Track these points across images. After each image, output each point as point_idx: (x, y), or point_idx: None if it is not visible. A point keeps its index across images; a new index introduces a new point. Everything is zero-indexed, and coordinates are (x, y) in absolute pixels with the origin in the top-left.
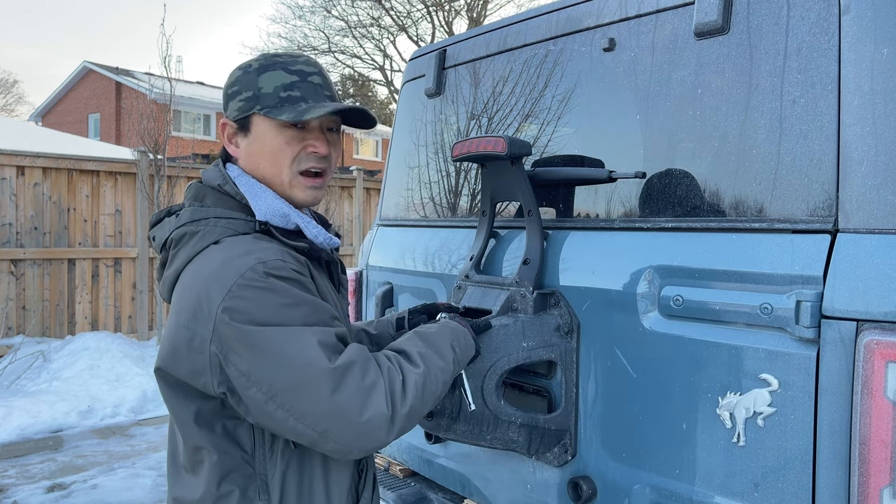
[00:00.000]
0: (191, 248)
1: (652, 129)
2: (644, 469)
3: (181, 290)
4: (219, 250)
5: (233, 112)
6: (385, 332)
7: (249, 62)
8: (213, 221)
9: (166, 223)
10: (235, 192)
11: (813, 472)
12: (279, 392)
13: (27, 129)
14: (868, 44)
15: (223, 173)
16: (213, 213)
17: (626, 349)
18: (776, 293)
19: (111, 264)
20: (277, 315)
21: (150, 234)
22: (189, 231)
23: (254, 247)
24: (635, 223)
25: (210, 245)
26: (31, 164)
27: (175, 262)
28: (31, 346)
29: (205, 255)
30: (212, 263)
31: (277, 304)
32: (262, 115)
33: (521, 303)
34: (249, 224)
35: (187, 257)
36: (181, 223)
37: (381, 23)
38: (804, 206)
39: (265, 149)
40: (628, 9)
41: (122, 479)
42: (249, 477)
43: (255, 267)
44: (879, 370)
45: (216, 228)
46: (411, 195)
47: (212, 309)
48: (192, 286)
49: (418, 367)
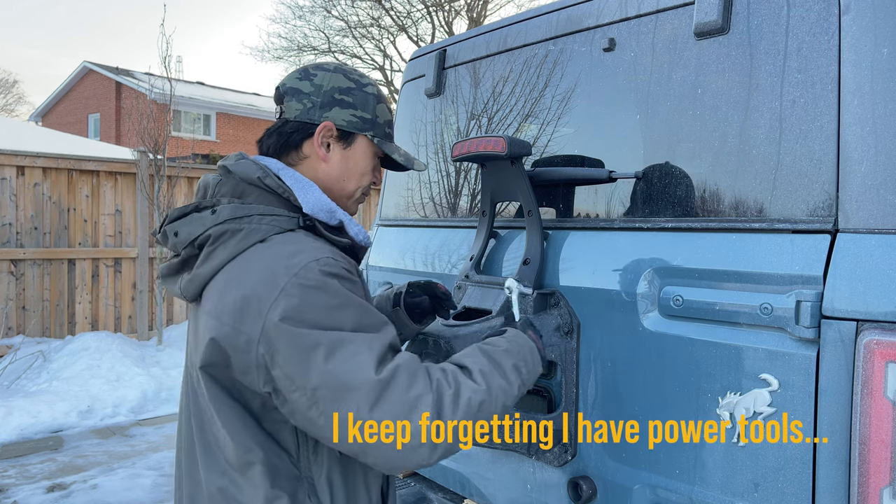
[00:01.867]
0: (233, 247)
1: (652, 129)
2: (644, 469)
3: (222, 289)
4: (266, 248)
5: (341, 121)
6: (384, 309)
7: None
8: (258, 219)
9: (195, 219)
10: (277, 185)
11: (813, 472)
12: (321, 399)
13: (27, 129)
14: (868, 44)
15: (262, 166)
16: (257, 210)
17: (626, 349)
18: (776, 293)
19: (111, 264)
20: (329, 317)
21: (172, 228)
22: (231, 228)
23: (304, 245)
24: (635, 223)
25: (256, 243)
26: (31, 164)
27: (212, 259)
28: (31, 346)
29: (250, 254)
30: (261, 262)
31: (330, 306)
32: (370, 140)
33: (521, 303)
34: (293, 220)
35: (229, 255)
36: (221, 220)
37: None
38: (804, 206)
39: (355, 167)
40: (628, 9)
41: (122, 479)
42: (297, 479)
43: (310, 265)
44: (879, 370)
45: (261, 226)
46: (411, 195)
47: (262, 308)
48: (238, 285)
49: (479, 385)
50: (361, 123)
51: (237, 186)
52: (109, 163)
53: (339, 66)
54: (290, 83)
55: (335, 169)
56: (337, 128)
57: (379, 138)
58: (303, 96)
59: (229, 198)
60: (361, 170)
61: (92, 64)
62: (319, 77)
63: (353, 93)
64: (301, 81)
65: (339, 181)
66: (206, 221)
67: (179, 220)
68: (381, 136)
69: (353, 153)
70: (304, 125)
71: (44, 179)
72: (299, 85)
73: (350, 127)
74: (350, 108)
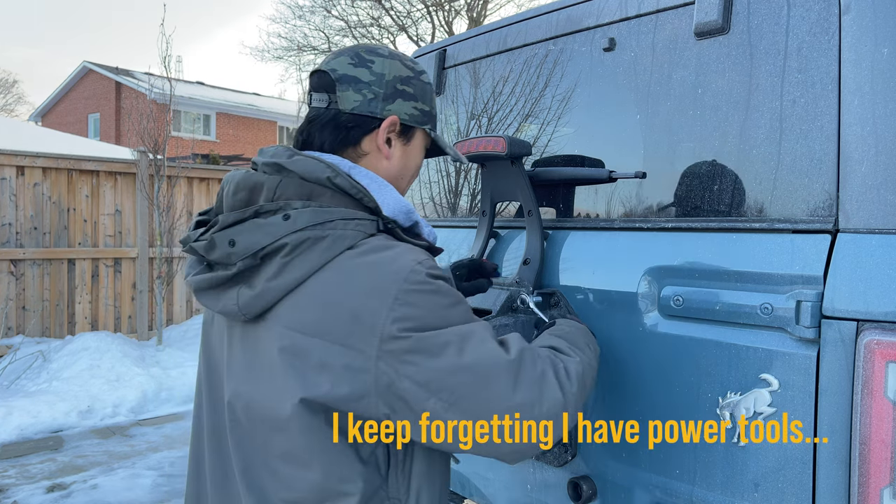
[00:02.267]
0: (319, 256)
1: (652, 129)
2: (644, 469)
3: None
4: (360, 256)
5: (404, 114)
6: None
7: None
8: (342, 224)
9: (258, 226)
10: (350, 185)
11: (813, 472)
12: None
13: (27, 129)
14: (868, 44)
15: (329, 164)
16: (340, 215)
17: (626, 349)
18: (776, 293)
19: (111, 264)
20: (447, 316)
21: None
22: (313, 236)
23: (399, 249)
24: (635, 223)
25: (345, 251)
26: (31, 164)
27: (291, 271)
28: (30, 346)
29: (342, 263)
30: (359, 271)
31: (444, 305)
32: (427, 133)
33: (522, 303)
34: (374, 224)
35: (314, 266)
36: (299, 227)
37: (380, 23)
38: (804, 206)
39: (412, 163)
40: (628, 9)
41: (121, 479)
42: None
43: (416, 269)
44: (880, 370)
45: (346, 231)
46: (411, 195)
47: (376, 322)
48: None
49: (574, 357)
50: (422, 117)
51: (303, 187)
52: (109, 163)
53: (393, 51)
54: (343, 69)
55: (395, 166)
56: (401, 122)
57: (434, 132)
58: (362, 86)
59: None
60: (416, 165)
61: (92, 64)
62: (378, 64)
63: (413, 83)
64: (357, 69)
65: (397, 179)
66: (277, 229)
67: (235, 227)
68: (435, 130)
69: (411, 149)
70: (365, 119)
71: (43, 179)
72: (356, 72)
73: (412, 121)
74: (412, 99)
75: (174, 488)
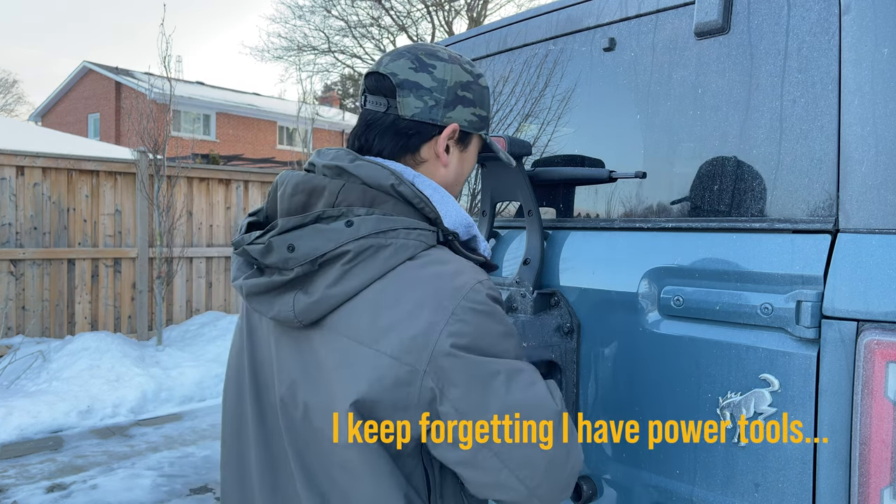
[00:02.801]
0: (381, 265)
1: (652, 128)
2: (644, 469)
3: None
4: (421, 268)
5: (464, 121)
6: None
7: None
8: (405, 233)
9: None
10: (413, 194)
11: (813, 472)
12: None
13: (27, 129)
14: (868, 44)
15: (393, 171)
16: (403, 224)
17: (627, 349)
18: (776, 293)
19: (111, 264)
20: (499, 345)
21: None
22: (376, 244)
23: (461, 264)
24: (635, 223)
25: (406, 261)
26: (31, 163)
27: (351, 279)
28: (30, 346)
29: (402, 273)
30: (419, 283)
31: (500, 333)
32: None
33: (521, 303)
34: (434, 235)
35: (374, 275)
36: (362, 234)
37: (381, 23)
38: (804, 206)
39: (467, 169)
40: (628, 9)
41: (121, 479)
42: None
43: (476, 287)
44: (880, 370)
45: (409, 241)
46: None
47: (430, 335)
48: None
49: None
50: (480, 123)
51: (366, 194)
52: (109, 163)
53: (452, 54)
54: (403, 74)
55: (452, 173)
56: (461, 129)
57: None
58: (423, 92)
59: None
60: (470, 171)
61: (92, 64)
62: (440, 69)
63: (473, 87)
64: (418, 73)
65: (452, 185)
66: (340, 235)
67: (295, 232)
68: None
69: (468, 155)
70: (425, 126)
71: (43, 179)
72: (417, 78)
73: (471, 127)
74: (471, 105)
75: (174, 488)
